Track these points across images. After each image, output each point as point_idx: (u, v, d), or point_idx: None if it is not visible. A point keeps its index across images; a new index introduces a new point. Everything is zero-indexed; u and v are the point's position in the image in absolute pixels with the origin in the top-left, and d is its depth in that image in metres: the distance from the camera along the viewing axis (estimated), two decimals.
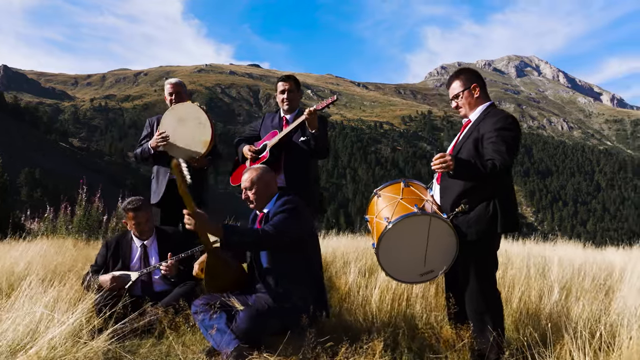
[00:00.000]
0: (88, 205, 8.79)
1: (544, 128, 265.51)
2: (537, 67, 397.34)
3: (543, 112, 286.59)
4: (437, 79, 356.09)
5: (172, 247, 3.66)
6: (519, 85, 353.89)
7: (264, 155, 3.78)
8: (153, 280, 3.65)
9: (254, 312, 2.73)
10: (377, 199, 3.06)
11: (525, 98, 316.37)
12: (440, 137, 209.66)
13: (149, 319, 3.15)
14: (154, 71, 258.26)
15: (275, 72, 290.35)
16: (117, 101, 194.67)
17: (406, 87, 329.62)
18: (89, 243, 7.51)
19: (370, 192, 3.30)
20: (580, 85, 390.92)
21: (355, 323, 3.25)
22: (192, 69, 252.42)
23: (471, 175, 2.68)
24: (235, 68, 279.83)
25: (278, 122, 3.95)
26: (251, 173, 3.20)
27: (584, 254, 7.34)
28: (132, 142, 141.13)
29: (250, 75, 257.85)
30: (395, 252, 2.85)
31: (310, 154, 3.76)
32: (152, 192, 4.32)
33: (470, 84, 3.02)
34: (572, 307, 3.43)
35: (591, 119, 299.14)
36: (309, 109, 3.51)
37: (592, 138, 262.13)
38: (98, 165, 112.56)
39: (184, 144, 4.13)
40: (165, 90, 4.45)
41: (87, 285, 3.46)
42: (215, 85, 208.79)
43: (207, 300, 2.97)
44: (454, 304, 2.84)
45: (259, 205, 3.17)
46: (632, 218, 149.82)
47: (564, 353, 2.55)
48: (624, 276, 4.03)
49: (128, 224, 3.71)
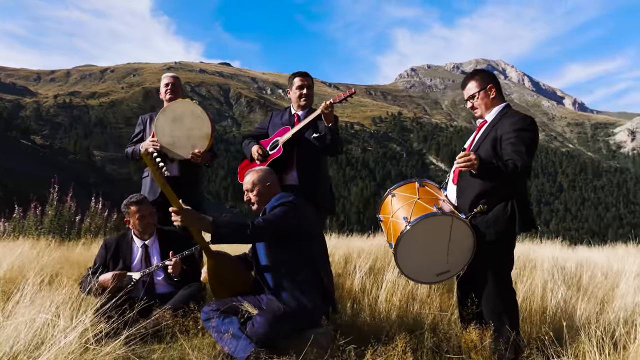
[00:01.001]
0: (60, 205, 8.51)
1: None
2: (504, 70, 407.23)
3: None
4: (407, 80, 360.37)
5: (173, 247, 3.55)
6: None
7: (275, 152, 3.69)
8: (155, 281, 3.52)
9: (271, 316, 2.68)
10: (391, 198, 3.03)
11: None
12: (410, 138, 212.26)
13: (160, 323, 3.03)
14: (121, 68, 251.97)
15: (247, 71, 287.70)
16: (82, 98, 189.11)
17: (377, 89, 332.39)
18: (63, 244, 7.23)
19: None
20: (544, 89, 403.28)
21: (367, 324, 3.22)
22: (161, 66, 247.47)
23: (493, 174, 2.69)
24: (206, 66, 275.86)
25: (288, 119, 3.87)
26: (252, 175, 3.15)
27: (566, 253, 7.53)
28: (98, 140, 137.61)
29: (221, 73, 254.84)
30: (413, 252, 2.83)
31: (323, 150, 3.70)
32: (146, 191, 4.15)
33: (486, 85, 3.02)
34: (577, 305, 3.48)
35: (554, 122, 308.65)
36: (325, 102, 3.45)
37: (555, 140, 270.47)
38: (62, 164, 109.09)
39: (185, 143, 4.00)
40: (162, 82, 4.34)
41: (88, 289, 3.30)
42: (185, 83, 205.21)
43: (217, 305, 2.92)
44: (471, 305, 2.83)
45: (261, 207, 3.12)
46: (592, 218, 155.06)
47: (580, 351, 2.56)
48: (621, 275, 4.12)
49: (131, 220, 3.57)
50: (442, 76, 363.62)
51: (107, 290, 3.16)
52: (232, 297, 3.00)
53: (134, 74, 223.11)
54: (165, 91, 4.29)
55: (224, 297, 3.03)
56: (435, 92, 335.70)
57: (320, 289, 2.96)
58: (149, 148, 3.95)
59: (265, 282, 3.01)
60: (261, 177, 3.13)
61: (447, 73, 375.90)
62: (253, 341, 2.64)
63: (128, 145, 4.35)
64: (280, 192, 3.16)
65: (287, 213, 2.88)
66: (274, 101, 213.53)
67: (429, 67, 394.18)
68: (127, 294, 3.19)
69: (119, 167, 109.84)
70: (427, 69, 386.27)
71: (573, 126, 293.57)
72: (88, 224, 8.66)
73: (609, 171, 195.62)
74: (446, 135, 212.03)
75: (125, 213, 3.60)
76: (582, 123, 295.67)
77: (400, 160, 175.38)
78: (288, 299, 2.83)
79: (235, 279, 3.11)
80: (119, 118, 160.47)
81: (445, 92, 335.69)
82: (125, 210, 3.59)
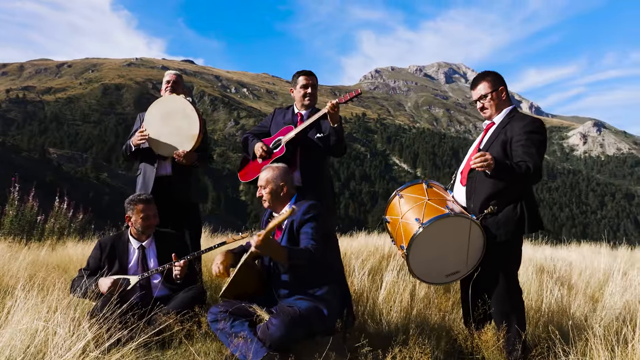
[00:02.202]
0: (21, 204, 8.12)
1: (470, 132, 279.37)
2: (465, 74, 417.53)
3: (469, 117, 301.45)
4: (372, 82, 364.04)
5: (170, 249, 3.43)
6: (448, 91, 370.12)
7: (278, 151, 3.63)
8: (152, 284, 3.38)
9: (288, 319, 2.60)
10: (399, 199, 3.02)
11: (453, 103, 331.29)
12: (374, 139, 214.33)
13: (165, 328, 2.90)
14: (79, 63, 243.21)
15: (210, 69, 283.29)
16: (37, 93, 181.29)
17: (341, 89, 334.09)
18: (27, 245, 6.86)
19: None
20: None
21: (374, 326, 3.20)
22: (121, 62, 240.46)
23: (507, 175, 2.71)
24: (168, 63, 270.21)
25: (292, 118, 3.80)
26: (268, 172, 3.09)
27: (539, 252, 7.74)
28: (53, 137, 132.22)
29: (184, 71, 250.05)
30: (424, 254, 2.82)
31: (327, 151, 3.65)
32: (138, 189, 4.03)
33: (498, 86, 3.05)
34: (572, 303, 3.56)
35: None
36: (331, 102, 3.40)
37: None
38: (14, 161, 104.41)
39: (170, 140, 3.90)
40: (164, 79, 4.23)
41: (82, 292, 3.14)
42: (147, 80, 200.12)
43: (225, 307, 2.82)
44: (483, 305, 2.85)
45: (273, 205, 3.07)
46: (547, 218, 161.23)
47: (589, 349, 2.59)
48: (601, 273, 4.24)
49: (133, 218, 3.42)
50: (406, 78, 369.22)
51: (104, 296, 3.02)
52: (240, 300, 2.91)
53: (93, 69, 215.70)
54: (165, 88, 4.19)
55: (235, 298, 2.94)
56: (398, 94, 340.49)
57: (339, 295, 2.93)
58: (137, 140, 3.91)
59: (282, 286, 2.93)
60: (275, 176, 3.07)
61: (411, 75, 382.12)
62: (266, 345, 2.57)
63: (125, 143, 4.20)
64: (295, 193, 3.11)
65: (321, 226, 2.91)
66: (238, 100, 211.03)
67: (393, 69, 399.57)
68: (123, 297, 3.06)
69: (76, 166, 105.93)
70: (391, 71, 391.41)
71: None
72: (52, 225, 8.29)
73: (563, 173, 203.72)
74: (409, 136, 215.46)
75: (128, 209, 3.44)
76: None
77: (365, 161, 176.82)
78: (304, 303, 2.76)
79: (255, 286, 3.02)
80: (76, 115, 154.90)
81: (408, 94, 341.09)
82: (130, 207, 3.43)
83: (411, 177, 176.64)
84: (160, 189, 3.94)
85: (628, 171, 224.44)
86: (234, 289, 2.90)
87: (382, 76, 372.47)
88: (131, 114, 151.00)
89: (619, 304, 3.64)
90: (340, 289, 3.01)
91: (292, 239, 2.90)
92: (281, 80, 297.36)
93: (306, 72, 3.80)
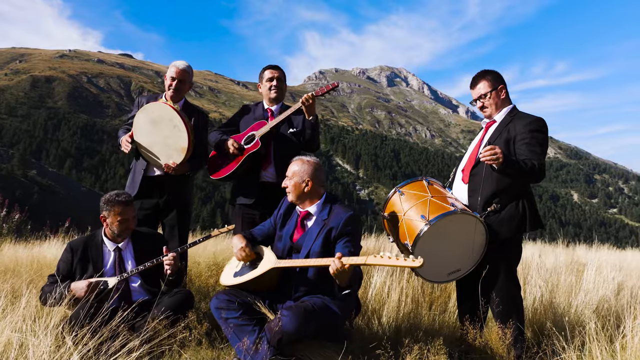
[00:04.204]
0: None
1: (411, 135, 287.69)
2: (405, 78, 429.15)
3: (410, 121, 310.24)
4: (316, 83, 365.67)
5: (149, 250, 3.19)
6: (390, 94, 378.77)
7: (252, 146, 3.52)
8: (131, 288, 3.12)
9: (301, 312, 2.48)
10: (399, 196, 2.96)
11: (394, 106, 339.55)
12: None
13: (154, 336, 2.67)
14: (5, 52, 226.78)
15: (150, 65, 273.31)
16: None
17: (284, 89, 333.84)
18: None
19: None
20: (441, 97, 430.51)
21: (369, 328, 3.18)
22: (52, 53, 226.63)
23: (514, 171, 2.70)
24: (105, 56, 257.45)
25: (262, 114, 3.72)
26: (296, 164, 2.94)
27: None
28: None
29: (122, 65, 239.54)
30: (429, 251, 2.76)
31: (302, 146, 3.58)
32: (127, 187, 3.80)
33: (497, 85, 3.06)
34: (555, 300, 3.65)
35: (450, 128, 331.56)
36: (307, 94, 3.37)
37: (450, 146, 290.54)
38: None
39: (161, 151, 3.61)
40: (167, 74, 3.77)
41: (54, 300, 2.84)
42: (81, 73, 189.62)
43: (234, 297, 2.71)
44: (490, 304, 2.87)
45: (296, 199, 2.91)
46: None
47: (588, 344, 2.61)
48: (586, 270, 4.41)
49: (109, 220, 3.13)
50: (349, 80, 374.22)
51: (81, 302, 2.76)
52: (249, 292, 2.80)
53: (20, 59, 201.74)
54: (168, 86, 3.75)
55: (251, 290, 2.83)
56: (342, 95, 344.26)
57: (352, 298, 2.86)
58: (122, 147, 3.64)
59: (302, 285, 2.80)
60: (302, 171, 2.90)
61: (354, 78, 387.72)
62: (276, 338, 2.46)
63: (122, 128, 3.91)
64: (324, 192, 2.98)
65: (359, 240, 2.84)
66: None
67: (337, 70, 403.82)
68: (99, 302, 2.81)
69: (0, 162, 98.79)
70: (334, 72, 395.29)
71: (466, 133, 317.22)
72: None
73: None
74: (352, 137, 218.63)
75: (104, 210, 3.13)
76: (474, 130, 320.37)
77: None
78: (317, 300, 2.66)
79: (272, 285, 2.89)
80: (2, 108, 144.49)
81: (351, 96, 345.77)
82: (106, 207, 3.13)
83: (354, 177, 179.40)
84: (147, 189, 3.71)
85: (554, 174, 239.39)
86: (246, 286, 2.78)
87: (326, 77, 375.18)
88: (63, 108, 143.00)
89: (595, 299, 3.80)
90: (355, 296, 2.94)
91: (327, 244, 2.76)
92: (225, 78, 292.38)
93: (271, 66, 3.77)
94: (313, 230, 2.82)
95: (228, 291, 2.78)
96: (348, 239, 2.72)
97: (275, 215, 3.10)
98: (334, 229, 2.75)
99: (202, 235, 3.49)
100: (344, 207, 2.85)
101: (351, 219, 2.76)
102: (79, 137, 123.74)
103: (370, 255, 2.34)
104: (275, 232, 3.05)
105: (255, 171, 3.63)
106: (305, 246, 2.80)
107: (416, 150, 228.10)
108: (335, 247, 2.73)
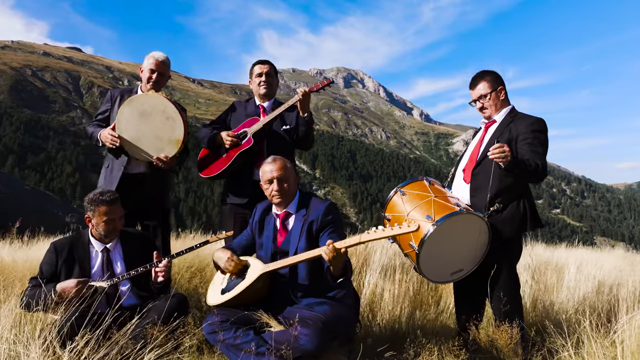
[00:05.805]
0: None
1: (366, 136, 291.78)
2: (362, 80, 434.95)
3: (366, 122, 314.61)
4: None
5: (139, 251, 3.02)
6: (346, 96, 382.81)
7: (245, 142, 3.41)
8: (120, 292, 2.93)
9: (319, 327, 2.36)
10: (401, 196, 2.92)
11: (351, 107, 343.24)
12: None
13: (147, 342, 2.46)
14: None
15: (101, 59, 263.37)
16: None
17: (242, 88, 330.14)
18: None
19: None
20: (396, 99, 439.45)
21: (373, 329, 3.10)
22: None
23: (520, 170, 2.72)
24: (51, 49, 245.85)
25: (254, 110, 3.61)
26: (279, 162, 2.82)
27: None
28: None
29: (70, 59, 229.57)
30: (435, 252, 2.74)
31: (295, 143, 3.50)
32: (102, 182, 3.54)
33: (497, 86, 3.07)
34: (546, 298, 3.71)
35: (404, 130, 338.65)
36: (302, 90, 3.30)
37: (405, 147, 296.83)
38: None
39: (150, 145, 3.40)
40: (145, 66, 3.57)
41: (36, 304, 2.61)
42: (25, 66, 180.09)
43: (225, 316, 2.53)
44: (499, 303, 2.85)
45: (286, 201, 2.80)
46: None
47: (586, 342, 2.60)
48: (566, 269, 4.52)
49: (94, 220, 2.92)
50: (306, 81, 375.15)
51: (72, 305, 2.55)
52: (239, 307, 2.65)
53: None
54: (147, 78, 3.56)
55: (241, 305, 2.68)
56: None
57: (354, 297, 2.80)
58: (106, 143, 3.39)
59: (299, 289, 2.70)
60: (290, 167, 2.87)
61: (311, 78, 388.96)
62: (292, 357, 2.30)
63: (91, 123, 3.63)
64: (297, 191, 2.92)
65: (342, 227, 2.80)
66: None
67: (294, 71, 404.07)
68: (88, 306, 2.60)
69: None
70: (292, 72, 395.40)
71: (420, 135, 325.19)
72: None
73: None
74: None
75: (89, 210, 2.93)
76: (427, 132, 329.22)
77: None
78: (324, 308, 2.57)
79: (261, 295, 2.75)
80: None
81: None
82: (91, 207, 2.92)
83: (310, 178, 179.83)
84: (127, 186, 3.47)
85: None
86: (236, 300, 2.63)
87: (284, 77, 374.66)
88: (5, 102, 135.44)
89: (579, 296, 3.91)
90: (354, 291, 2.87)
91: (311, 239, 2.69)
92: (179, 76, 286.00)
93: (261, 61, 3.69)
94: (295, 228, 2.76)
95: (218, 312, 2.63)
96: (332, 228, 2.69)
97: (250, 224, 3.02)
98: (314, 222, 2.71)
99: (200, 241, 3.28)
100: (320, 199, 2.83)
101: (330, 207, 2.75)
102: (22, 133, 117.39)
103: (363, 233, 2.33)
104: (255, 241, 2.96)
105: (247, 169, 3.52)
106: (291, 246, 2.73)
107: (372, 151, 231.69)
108: (320, 239, 2.69)
